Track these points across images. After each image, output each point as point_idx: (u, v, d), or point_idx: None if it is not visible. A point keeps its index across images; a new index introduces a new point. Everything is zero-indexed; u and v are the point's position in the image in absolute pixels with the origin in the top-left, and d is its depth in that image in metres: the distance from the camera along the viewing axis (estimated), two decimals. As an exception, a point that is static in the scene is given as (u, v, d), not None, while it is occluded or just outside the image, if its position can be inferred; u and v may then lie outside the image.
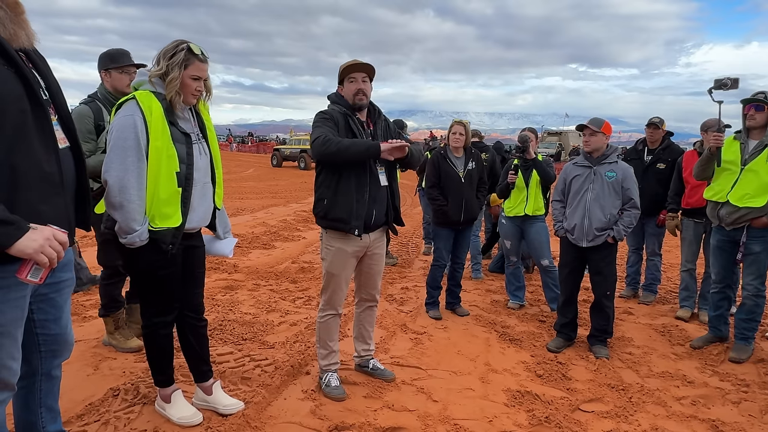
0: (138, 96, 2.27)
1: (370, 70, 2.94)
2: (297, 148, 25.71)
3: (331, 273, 2.98)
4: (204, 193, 2.49)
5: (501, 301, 5.06)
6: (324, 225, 2.95)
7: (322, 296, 3.07)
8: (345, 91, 2.94)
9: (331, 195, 2.86)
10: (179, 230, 2.36)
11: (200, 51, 2.36)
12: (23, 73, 1.56)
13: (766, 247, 3.56)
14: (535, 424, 2.79)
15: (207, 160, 2.51)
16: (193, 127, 2.47)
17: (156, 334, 2.55)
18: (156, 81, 2.33)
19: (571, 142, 28.56)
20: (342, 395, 2.99)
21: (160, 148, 2.26)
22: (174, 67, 2.30)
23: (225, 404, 2.74)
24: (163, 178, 2.27)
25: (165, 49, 2.35)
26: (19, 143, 1.52)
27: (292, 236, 8.10)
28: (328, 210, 2.87)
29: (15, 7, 1.57)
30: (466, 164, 4.48)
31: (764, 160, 3.49)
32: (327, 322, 3.06)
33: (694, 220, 4.57)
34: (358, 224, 2.86)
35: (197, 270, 2.65)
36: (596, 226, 3.72)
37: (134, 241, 2.25)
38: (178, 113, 2.38)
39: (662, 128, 4.95)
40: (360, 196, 2.86)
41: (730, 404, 3.12)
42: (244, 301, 4.72)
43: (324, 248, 3.01)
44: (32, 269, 1.52)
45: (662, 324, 4.51)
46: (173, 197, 2.32)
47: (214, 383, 2.78)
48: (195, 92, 2.39)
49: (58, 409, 2.08)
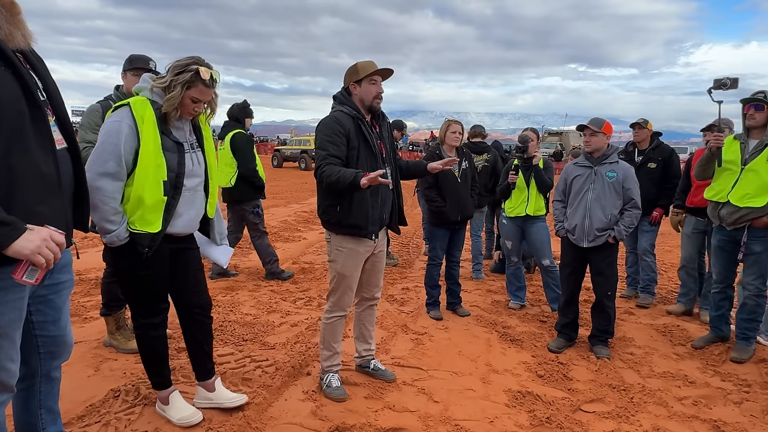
0: (132, 102, 2.28)
1: (390, 74, 2.96)
2: (297, 149, 25.71)
3: (343, 275, 2.95)
4: (193, 201, 2.49)
5: (502, 302, 5.05)
6: (338, 231, 2.91)
7: (330, 297, 3.04)
8: (363, 91, 2.90)
9: (347, 202, 2.81)
10: (157, 236, 2.36)
11: (210, 76, 2.34)
12: (20, 74, 1.55)
13: (767, 247, 3.55)
14: (536, 424, 2.79)
15: (201, 170, 2.52)
16: (187, 136, 2.47)
17: (146, 336, 2.56)
18: (157, 91, 2.34)
19: (571, 142, 28.58)
20: (343, 396, 2.98)
21: (149, 157, 2.26)
22: (177, 85, 2.30)
23: (229, 398, 2.76)
24: (149, 185, 2.28)
25: (176, 63, 2.35)
26: (17, 144, 1.52)
27: (292, 237, 8.09)
28: (343, 217, 2.83)
29: (11, 8, 1.56)
30: (460, 164, 4.49)
31: (764, 160, 3.48)
32: (334, 324, 3.06)
33: (697, 218, 4.59)
34: (374, 229, 2.88)
35: (193, 271, 2.65)
36: (597, 227, 3.71)
37: (113, 240, 2.28)
38: (173, 122, 2.38)
39: (648, 128, 5.01)
40: (374, 201, 2.87)
41: (731, 404, 3.11)
42: (245, 302, 4.72)
43: (334, 250, 2.96)
44: (28, 270, 1.52)
45: (663, 324, 4.51)
46: (158, 205, 2.33)
47: (215, 379, 2.80)
48: (192, 112, 2.40)
49: (58, 410, 2.08)
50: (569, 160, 5.41)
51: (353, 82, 2.93)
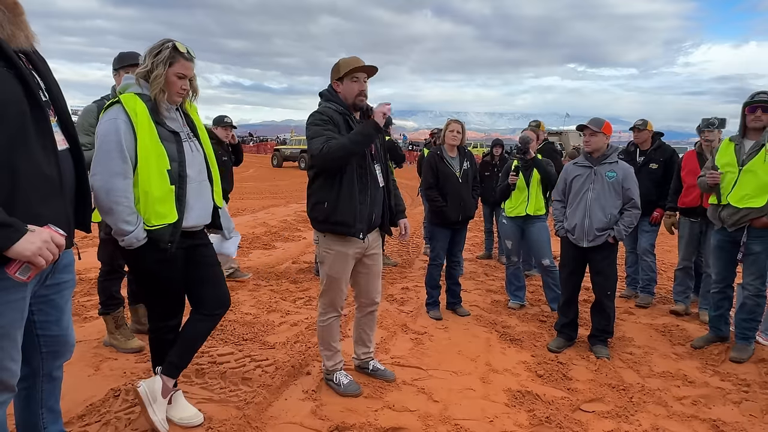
0: (122, 99, 2.27)
1: (374, 72, 2.88)
2: (297, 149, 25.72)
3: (332, 277, 2.93)
4: (201, 192, 2.46)
5: (501, 301, 5.06)
6: (324, 229, 2.87)
7: (321, 299, 3.03)
8: (345, 89, 2.85)
9: (334, 198, 2.78)
10: (176, 227, 2.32)
11: (186, 49, 2.34)
12: (22, 75, 1.55)
13: (766, 247, 3.56)
14: (535, 424, 2.79)
15: (200, 158, 2.49)
16: (182, 126, 2.45)
17: (163, 339, 2.55)
18: (142, 82, 2.32)
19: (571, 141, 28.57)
20: (359, 390, 3.00)
21: (149, 148, 2.24)
22: (159, 64, 2.28)
23: (180, 417, 2.61)
24: (154, 176, 2.25)
25: (151, 48, 2.34)
26: (19, 145, 1.52)
27: (292, 236, 8.10)
28: (330, 213, 2.79)
29: (14, 8, 1.56)
30: (461, 164, 4.50)
31: (762, 160, 3.49)
32: (330, 325, 3.05)
33: (690, 219, 4.62)
34: (362, 227, 2.83)
35: (212, 268, 2.59)
36: (597, 226, 3.71)
37: (132, 242, 2.24)
38: (164, 113, 2.35)
39: (648, 129, 5.01)
40: (363, 198, 2.82)
41: (731, 404, 3.12)
42: (245, 302, 4.73)
43: (322, 252, 2.94)
44: (22, 267, 1.52)
45: (663, 324, 4.51)
46: (167, 195, 2.30)
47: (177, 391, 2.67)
48: (180, 90, 2.37)
49: (59, 409, 2.08)
50: (567, 161, 5.42)
51: (335, 79, 2.87)
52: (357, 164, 2.81)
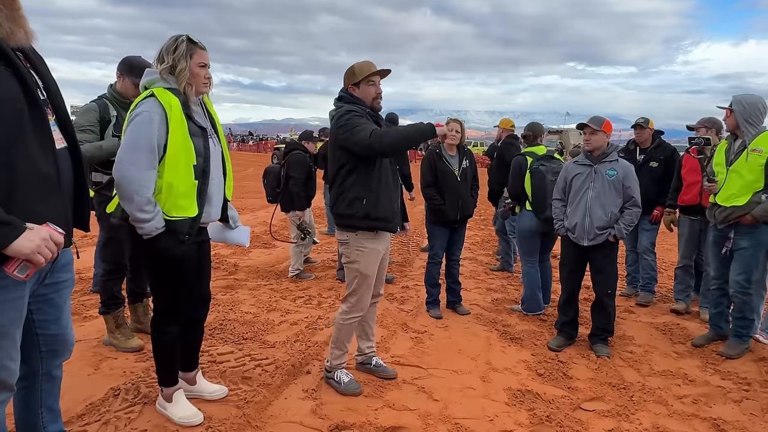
0: (157, 92, 2.30)
1: (388, 74, 2.99)
2: None
3: (365, 275, 2.95)
4: (219, 187, 2.56)
5: (502, 300, 5.06)
6: (362, 226, 2.87)
7: (349, 299, 3.02)
8: (363, 93, 2.93)
9: (374, 195, 2.83)
10: (195, 221, 2.40)
11: (198, 40, 2.41)
12: (20, 73, 1.54)
13: (752, 244, 3.63)
14: (536, 423, 2.79)
15: (219, 153, 2.57)
16: (206, 122, 2.51)
17: (166, 338, 2.58)
18: (169, 77, 2.37)
19: (571, 140, 28.55)
20: (359, 389, 3.02)
21: (179, 142, 2.30)
22: (180, 59, 2.34)
23: (211, 391, 2.84)
24: (181, 170, 2.31)
25: (165, 46, 2.38)
26: (16, 143, 1.51)
27: (292, 235, 8.09)
28: (371, 210, 2.83)
29: (11, 4, 1.55)
30: (460, 162, 4.50)
31: (744, 161, 3.58)
32: (351, 325, 3.07)
33: (690, 217, 4.63)
34: (397, 221, 2.96)
35: (206, 263, 2.73)
36: (597, 225, 3.71)
37: (151, 230, 2.28)
38: (193, 107, 2.42)
39: (649, 127, 5.02)
40: (395, 195, 2.95)
41: (731, 403, 3.12)
42: (245, 301, 4.72)
43: (354, 251, 2.92)
44: (20, 265, 1.52)
45: (663, 322, 4.51)
46: (190, 190, 2.37)
47: (197, 373, 2.86)
48: (205, 80, 2.45)
49: (58, 409, 2.08)
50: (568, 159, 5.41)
51: (351, 84, 2.94)
52: (379, 164, 2.87)
